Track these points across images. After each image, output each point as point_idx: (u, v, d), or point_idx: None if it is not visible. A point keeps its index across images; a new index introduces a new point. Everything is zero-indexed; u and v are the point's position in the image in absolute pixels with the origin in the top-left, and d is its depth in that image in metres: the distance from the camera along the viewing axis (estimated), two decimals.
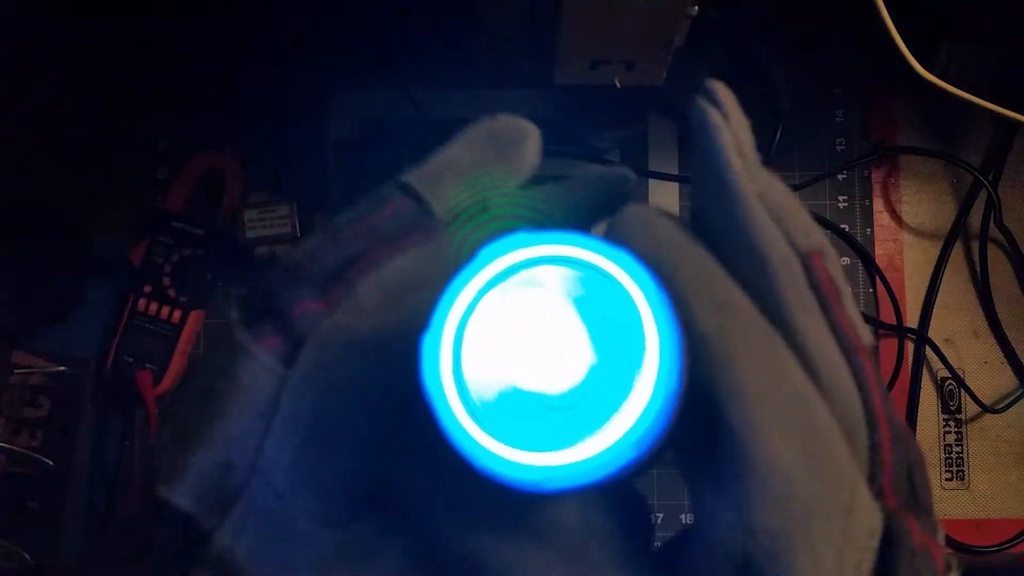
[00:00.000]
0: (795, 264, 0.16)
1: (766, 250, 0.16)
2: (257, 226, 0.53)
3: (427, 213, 0.20)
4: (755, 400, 0.15)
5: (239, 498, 0.17)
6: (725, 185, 0.17)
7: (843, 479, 0.15)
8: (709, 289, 0.16)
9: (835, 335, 0.16)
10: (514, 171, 0.22)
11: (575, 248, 0.15)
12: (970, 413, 0.57)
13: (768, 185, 0.17)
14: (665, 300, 0.15)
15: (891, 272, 0.57)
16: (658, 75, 0.44)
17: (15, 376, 0.54)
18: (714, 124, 0.17)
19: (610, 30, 0.40)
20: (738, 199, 0.17)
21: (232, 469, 0.17)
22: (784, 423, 0.15)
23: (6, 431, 0.54)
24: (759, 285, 0.16)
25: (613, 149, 0.58)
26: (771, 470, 0.15)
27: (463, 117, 0.22)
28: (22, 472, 0.54)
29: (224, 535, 0.17)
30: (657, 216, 0.17)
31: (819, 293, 0.16)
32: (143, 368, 0.54)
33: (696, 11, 0.39)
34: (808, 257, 0.17)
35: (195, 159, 0.56)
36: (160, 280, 0.55)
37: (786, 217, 0.17)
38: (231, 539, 0.17)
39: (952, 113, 0.58)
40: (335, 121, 0.58)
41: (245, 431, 0.18)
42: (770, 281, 0.16)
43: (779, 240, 0.16)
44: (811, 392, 0.16)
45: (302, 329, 0.18)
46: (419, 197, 0.20)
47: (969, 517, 0.56)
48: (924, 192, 0.58)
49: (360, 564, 0.17)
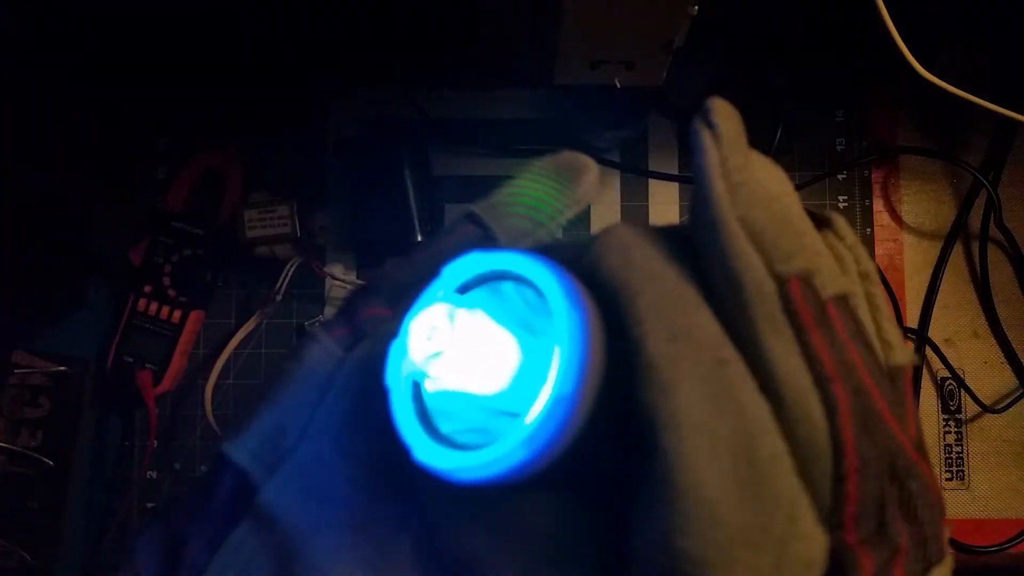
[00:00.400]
0: (770, 290, 0.16)
1: (741, 276, 0.17)
2: (257, 226, 0.53)
3: (490, 239, 0.23)
4: (690, 429, 0.15)
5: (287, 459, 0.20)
6: (708, 207, 0.17)
7: (779, 510, 0.15)
8: (668, 317, 0.17)
9: (808, 362, 0.16)
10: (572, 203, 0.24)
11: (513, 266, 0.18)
12: (970, 413, 0.57)
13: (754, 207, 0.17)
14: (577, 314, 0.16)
15: (891, 272, 0.57)
16: (658, 75, 0.44)
17: (15, 376, 0.54)
18: (703, 145, 0.17)
19: (610, 30, 0.40)
20: (718, 222, 0.17)
21: (285, 433, 0.20)
22: (718, 450, 0.15)
23: (6, 431, 0.54)
24: (732, 309, 0.17)
25: (613, 149, 0.58)
26: (698, 498, 0.15)
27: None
28: (22, 472, 0.54)
29: (269, 490, 0.20)
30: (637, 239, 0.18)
31: (794, 320, 0.16)
32: (143, 368, 0.54)
33: (696, 11, 0.39)
34: (786, 283, 0.17)
35: (195, 159, 0.56)
36: (160, 280, 0.55)
37: (768, 241, 0.17)
38: (275, 494, 0.20)
39: (952, 113, 0.58)
40: (335, 121, 0.58)
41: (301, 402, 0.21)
42: (742, 306, 0.17)
43: (756, 265, 0.17)
44: (761, 423, 0.16)
45: (366, 327, 0.21)
46: (483, 224, 0.23)
47: (969, 517, 0.56)
48: (924, 192, 0.58)
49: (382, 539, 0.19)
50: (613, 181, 0.58)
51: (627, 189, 0.58)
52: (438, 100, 0.57)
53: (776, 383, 0.16)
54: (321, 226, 0.55)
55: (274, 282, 0.54)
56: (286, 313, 0.57)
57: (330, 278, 0.56)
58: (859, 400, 0.16)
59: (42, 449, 0.54)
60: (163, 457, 0.56)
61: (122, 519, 0.55)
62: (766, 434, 0.16)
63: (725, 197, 0.17)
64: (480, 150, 0.57)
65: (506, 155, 0.57)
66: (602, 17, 0.39)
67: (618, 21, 0.39)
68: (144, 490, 0.56)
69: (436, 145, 0.57)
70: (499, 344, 0.18)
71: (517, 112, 0.58)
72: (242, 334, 0.56)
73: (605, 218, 0.57)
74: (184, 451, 0.56)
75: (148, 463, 0.55)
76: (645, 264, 0.17)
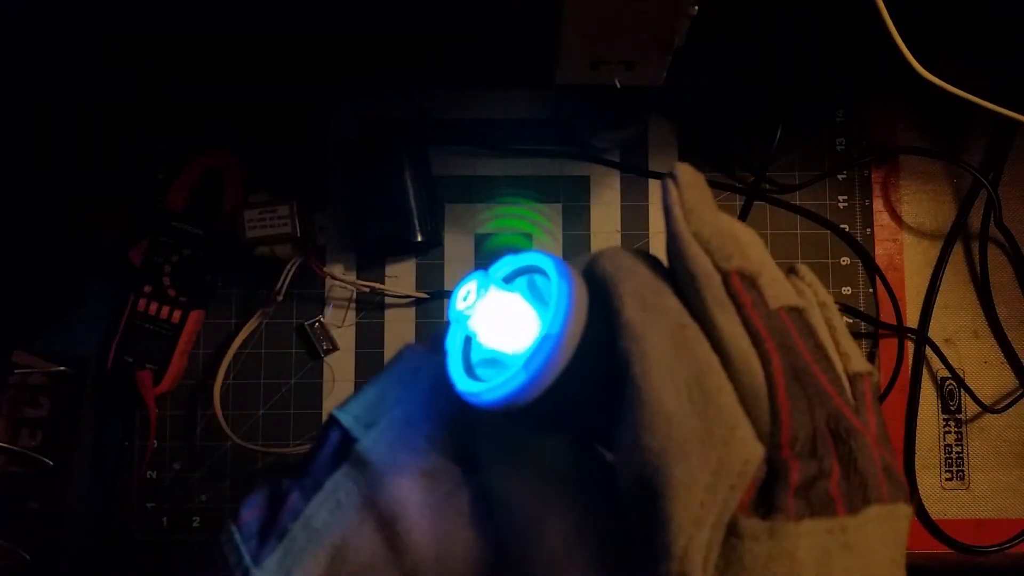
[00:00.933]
0: (716, 278, 0.23)
1: (694, 268, 0.23)
2: (257, 226, 0.53)
3: None
4: (654, 363, 0.21)
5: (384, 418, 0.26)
6: (670, 226, 0.24)
7: (722, 421, 0.21)
8: (642, 295, 0.23)
9: (748, 331, 0.22)
10: None
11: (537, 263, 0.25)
12: (970, 413, 0.57)
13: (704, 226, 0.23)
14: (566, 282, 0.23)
15: (891, 272, 0.57)
16: (658, 75, 0.44)
17: (15, 376, 0.54)
18: (667, 188, 0.24)
19: (610, 30, 0.40)
20: (677, 235, 0.23)
21: (383, 401, 0.27)
22: (675, 379, 0.21)
23: (6, 431, 0.54)
24: (689, 293, 0.23)
25: (613, 149, 0.58)
26: (659, 408, 0.21)
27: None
28: (22, 472, 0.54)
29: (367, 440, 0.26)
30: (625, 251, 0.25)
31: (736, 300, 0.22)
32: (143, 368, 0.54)
33: (696, 11, 0.39)
34: (727, 274, 0.23)
35: (195, 159, 0.56)
36: (160, 280, 0.55)
37: (714, 247, 0.23)
38: (371, 444, 0.26)
39: (952, 113, 0.58)
40: (335, 121, 0.58)
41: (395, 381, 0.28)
42: (696, 289, 0.23)
43: (704, 262, 0.23)
44: (710, 365, 0.22)
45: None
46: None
47: (969, 517, 0.56)
48: (924, 192, 0.58)
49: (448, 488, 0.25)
50: (613, 181, 0.58)
51: (627, 189, 0.58)
52: (438, 100, 0.57)
53: (723, 344, 0.22)
54: (321, 226, 0.55)
55: (274, 282, 0.54)
56: (286, 313, 0.57)
57: (330, 278, 0.56)
58: (788, 356, 0.22)
59: (42, 449, 0.54)
60: (163, 457, 0.56)
61: (122, 519, 0.55)
62: (713, 373, 0.21)
63: (682, 219, 0.23)
64: (480, 150, 0.57)
65: (506, 155, 0.58)
66: (602, 17, 0.39)
67: (618, 21, 0.39)
68: (144, 490, 0.56)
69: (436, 145, 0.57)
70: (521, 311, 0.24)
71: (517, 112, 0.58)
72: (244, 333, 0.56)
73: (605, 218, 0.57)
74: (184, 451, 0.56)
75: (148, 463, 0.55)
76: (628, 264, 0.24)
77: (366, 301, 0.57)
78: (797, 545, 0.20)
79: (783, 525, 0.20)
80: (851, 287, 0.57)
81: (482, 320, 0.24)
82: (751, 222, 0.56)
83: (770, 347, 0.22)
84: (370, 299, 0.57)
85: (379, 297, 0.57)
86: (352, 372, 0.57)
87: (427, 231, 0.55)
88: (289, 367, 0.57)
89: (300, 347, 0.57)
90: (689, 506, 0.20)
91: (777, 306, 0.23)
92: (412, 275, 0.57)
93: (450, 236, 0.57)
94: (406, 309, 0.57)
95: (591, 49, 0.42)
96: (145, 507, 0.56)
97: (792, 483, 0.20)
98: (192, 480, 0.56)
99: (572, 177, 0.58)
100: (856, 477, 0.21)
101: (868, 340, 0.57)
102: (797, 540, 0.20)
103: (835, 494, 0.21)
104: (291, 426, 0.56)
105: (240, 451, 0.55)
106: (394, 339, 0.57)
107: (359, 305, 0.57)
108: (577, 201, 0.58)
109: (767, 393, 0.21)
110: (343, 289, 0.57)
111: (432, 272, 0.57)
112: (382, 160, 0.54)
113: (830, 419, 0.22)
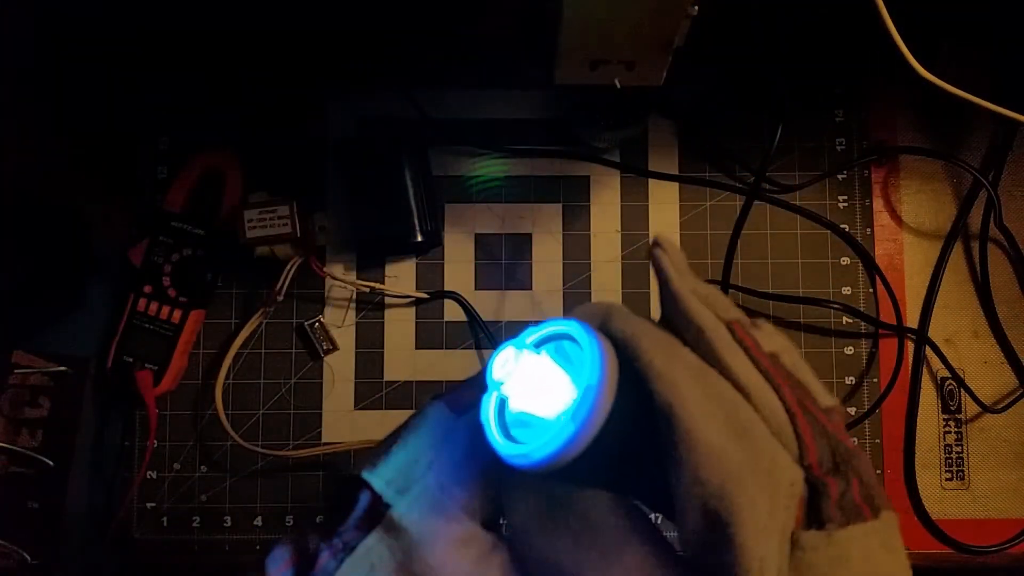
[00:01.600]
0: (722, 327, 0.25)
1: (701, 321, 0.25)
2: (257, 226, 0.53)
3: None
4: (693, 406, 0.23)
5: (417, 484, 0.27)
6: (668, 288, 0.26)
7: (763, 450, 0.23)
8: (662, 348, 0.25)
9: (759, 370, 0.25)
10: None
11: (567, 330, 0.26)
12: (970, 413, 0.57)
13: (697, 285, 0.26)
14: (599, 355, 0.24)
15: (891, 272, 0.57)
16: (658, 75, 0.44)
17: (15, 376, 0.54)
18: (659, 256, 0.27)
19: (610, 30, 0.40)
20: (677, 294, 0.26)
21: (416, 466, 0.28)
22: (715, 419, 0.23)
23: (6, 431, 0.54)
24: (700, 344, 0.25)
25: (613, 149, 0.58)
26: (707, 446, 0.23)
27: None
28: (22, 472, 0.54)
29: (400, 507, 0.27)
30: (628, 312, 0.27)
31: (743, 345, 0.25)
32: (143, 368, 0.54)
33: (696, 11, 0.39)
34: (730, 324, 0.26)
35: (195, 159, 0.56)
36: (160, 280, 0.55)
37: (711, 302, 0.26)
38: (405, 510, 0.27)
39: (952, 113, 0.58)
40: (335, 121, 0.58)
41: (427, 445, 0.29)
42: (707, 340, 0.25)
43: (708, 314, 0.25)
44: (738, 401, 0.24)
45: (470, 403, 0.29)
46: None
47: (969, 517, 0.56)
48: (924, 192, 0.58)
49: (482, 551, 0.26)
50: (613, 181, 0.58)
51: (627, 189, 0.58)
52: (438, 100, 0.57)
53: (740, 383, 0.24)
54: (321, 226, 0.55)
55: (274, 282, 0.54)
56: (286, 313, 0.57)
57: (330, 278, 0.56)
58: (797, 391, 0.25)
59: (42, 449, 0.54)
60: (163, 457, 0.56)
61: (122, 519, 0.55)
62: (742, 408, 0.24)
63: (678, 279, 0.26)
64: (480, 150, 0.57)
65: (506, 155, 0.58)
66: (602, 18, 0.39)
67: (618, 22, 0.39)
68: (144, 490, 0.56)
69: (436, 145, 0.57)
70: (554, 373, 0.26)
71: (517, 112, 0.58)
72: (245, 333, 0.56)
73: (605, 217, 0.57)
74: (184, 451, 0.56)
75: (148, 463, 0.55)
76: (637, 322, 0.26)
77: (366, 301, 0.57)
78: (851, 548, 0.22)
79: (836, 533, 0.22)
80: (851, 287, 0.57)
81: (517, 385, 0.25)
82: (751, 222, 0.56)
83: (780, 383, 0.24)
84: (370, 299, 0.57)
85: (379, 297, 0.57)
86: (352, 372, 0.57)
87: (427, 231, 0.55)
88: (289, 367, 0.57)
89: (300, 347, 0.57)
90: (756, 529, 0.22)
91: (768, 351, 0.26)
92: (412, 275, 0.57)
93: (450, 236, 0.57)
94: (406, 309, 0.57)
95: (591, 49, 0.42)
96: (145, 507, 0.56)
97: (833, 496, 0.23)
98: (192, 480, 0.56)
99: (572, 177, 0.58)
100: (865, 488, 0.24)
101: (868, 340, 0.57)
102: (850, 544, 0.22)
103: (859, 502, 0.23)
104: (291, 426, 0.56)
105: (240, 451, 0.55)
106: (394, 339, 0.57)
107: (359, 305, 0.57)
108: (577, 201, 0.58)
109: (789, 421, 0.24)
110: (343, 289, 0.57)
111: (432, 272, 0.57)
112: (382, 160, 0.54)
113: (831, 441, 0.24)
